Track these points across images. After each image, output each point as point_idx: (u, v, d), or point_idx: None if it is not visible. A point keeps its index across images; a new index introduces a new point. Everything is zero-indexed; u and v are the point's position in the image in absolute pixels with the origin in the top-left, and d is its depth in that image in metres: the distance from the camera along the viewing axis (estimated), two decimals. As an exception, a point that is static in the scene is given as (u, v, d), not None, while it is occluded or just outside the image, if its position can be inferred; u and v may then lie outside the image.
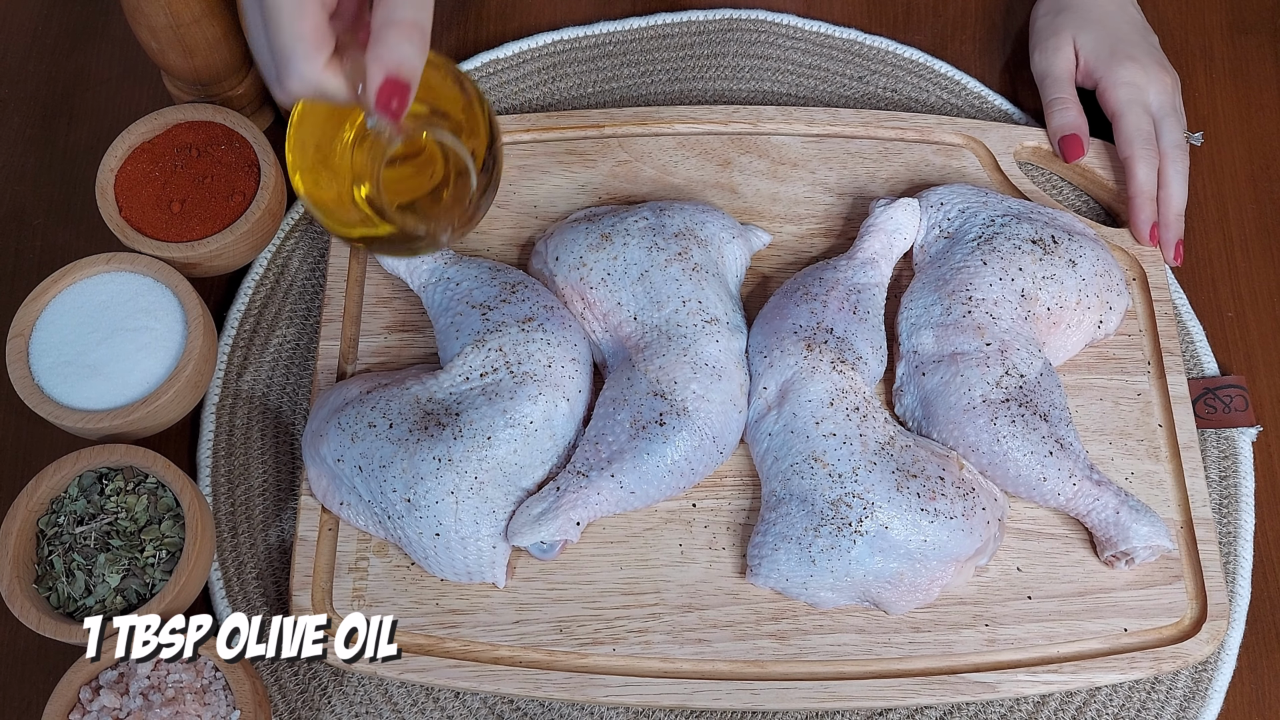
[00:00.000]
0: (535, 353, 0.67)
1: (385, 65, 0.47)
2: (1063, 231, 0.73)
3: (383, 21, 0.47)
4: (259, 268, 0.78)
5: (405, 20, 0.47)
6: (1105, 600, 0.67)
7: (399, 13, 0.47)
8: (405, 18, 0.47)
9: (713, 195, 0.78)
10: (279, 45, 0.47)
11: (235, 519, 0.71)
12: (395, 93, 0.47)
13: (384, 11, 0.48)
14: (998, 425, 0.66)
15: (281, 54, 0.47)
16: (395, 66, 0.47)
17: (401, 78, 0.47)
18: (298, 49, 0.46)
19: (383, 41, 0.47)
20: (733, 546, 0.68)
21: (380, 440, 0.65)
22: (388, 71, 0.47)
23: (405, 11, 0.47)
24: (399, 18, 0.47)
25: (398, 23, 0.47)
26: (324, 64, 0.47)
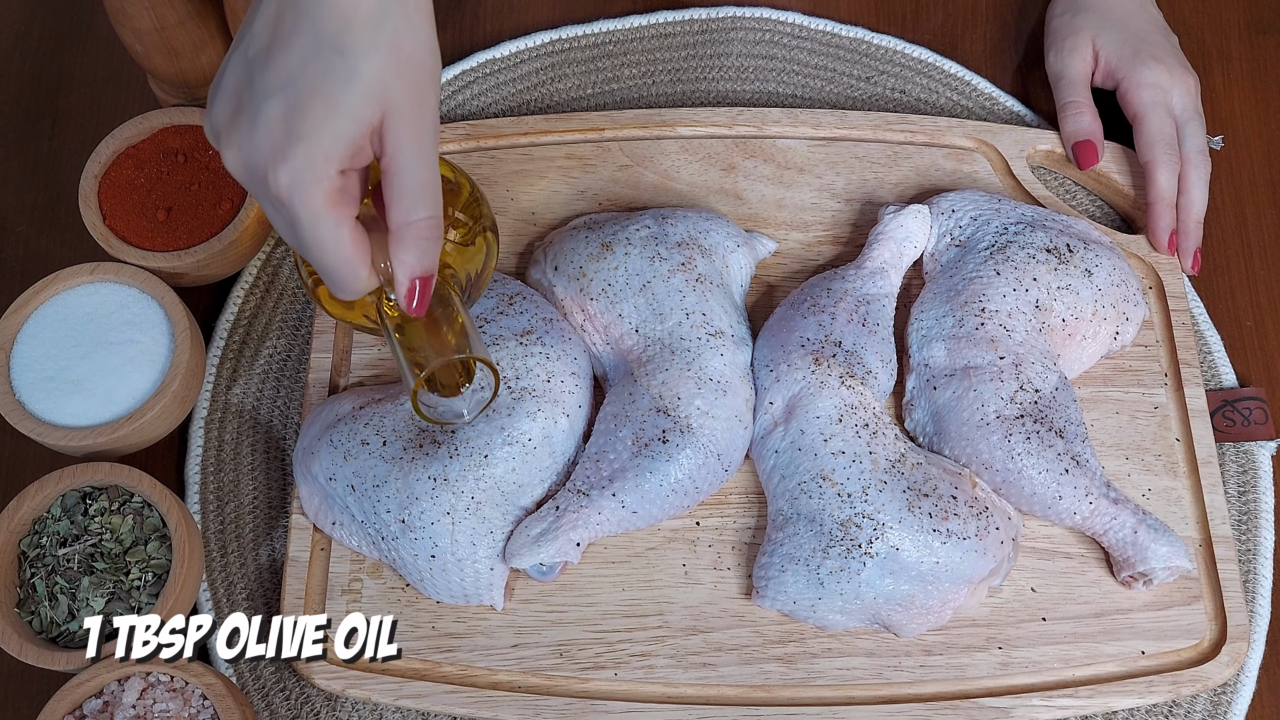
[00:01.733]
0: (534, 367, 0.65)
1: (409, 270, 0.51)
2: (1078, 240, 0.71)
3: (400, 223, 0.50)
4: (248, 276, 0.75)
5: (421, 220, 0.50)
6: (1122, 622, 0.65)
7: (415, 212, 0.49)
8: (419, 216, 0.50)
9: (716, 201, 0.76)
10: (324, 266, 0.50)
11: (225, 538, 0.69)
12: (421, 291, 0.52)
13: (400, 213, 0.49)
14: (1012, 442, 0.64)
15: (329, 273, 0.50)
16: (419, 270, 0.51)
17: (423, 278, 0.51)
18: (344, 271, 0.50)
19: (403, 245, 0.50)
20: (738, 567, 0.66)
21: (374, 459, 0.63)
22: (411, 275, 0.51)
23: (419, 211, 0.50)
24: (415, 218, 0.50)
25: (415, 224, 0.50)
26: (369, 273, 0.51)
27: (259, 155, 0.47)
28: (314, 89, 0.46)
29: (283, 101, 0.46)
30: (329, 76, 0.46)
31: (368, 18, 0.47)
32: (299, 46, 0.46)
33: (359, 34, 0.46)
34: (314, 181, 0.47)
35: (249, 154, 0.47)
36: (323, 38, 0.46)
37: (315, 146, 0.46)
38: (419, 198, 0.49)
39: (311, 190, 0.47)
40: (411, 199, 0.49)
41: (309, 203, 0.47)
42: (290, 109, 0.46)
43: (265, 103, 0.47)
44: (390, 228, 0.50)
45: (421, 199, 0.49)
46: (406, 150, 0.48)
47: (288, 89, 0.46)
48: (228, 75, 0.48)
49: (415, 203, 0.49)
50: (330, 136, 0.46)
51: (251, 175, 0.48)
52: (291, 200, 0.47)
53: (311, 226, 0.48)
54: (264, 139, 0.47)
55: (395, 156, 0.49)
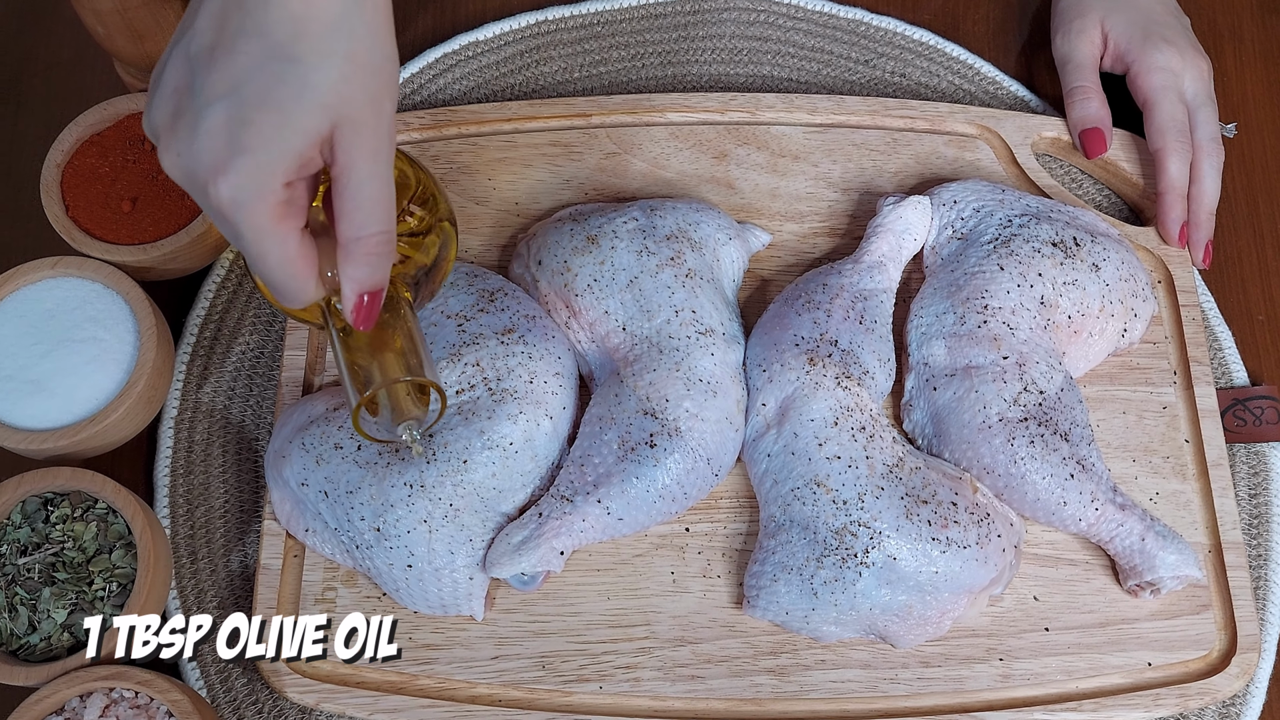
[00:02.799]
0: (515, 368, 0.62)
1: (357, 286, 0.49)
2: (1085, 233, 0.68)
3: (350, 238, 0.47)
4: (220, 270, 0.72)
5: (371, 236, 0.47)
6: (1128, 632, 0.63)
7: (365, 228, 0.47)
8: (369, 232, 0.47)
9: (708, 191, 0.73)
10: (268, 279, 0.48)
11: (195, 542, 0.66)
12: (369, 306, 0.50)
13: (349, 228, 0.47)
14: (1015, 446, 0.61)
15: (274, 286, 0.48)
16: (367, 286, 0.49)
17: (372, 293, 0.49)
18: (290, 285, 0.48)
19: (352, 260, 0.48)
20: (728, 575, 0.63)
21: (347, 463, 0.60)
22: (359, 291, 0.49)
23: (370, 226, 0.47)
24: (365, 234, 0.47)
25: (364, 240, 0.47)
26: (316, 285, 0.48)
27: (199, 165, 0.44)
28: (261, 98, 0.43)
29: (226, 109, 0.43)
30: (278, 85, 0.43)
31: (323, 23, 0.44)
32: (245, 50, 0.43)
33: (313, 40, 0.44)
34: (257, 197, 0.44)
35: (189, 162, 0.44)
36: (272, 43, 0.43)
37: (260, 160, 0.43)
38: (371, 213, 0.47)
39: (255, 205, 0.44)
40: (364, 214, 0.47)
41: (252, 218, 0.44)
42: (234, 118, 0.43)
43: (208, 109, 0.43)
44: (339, 241, 0.47)
45: (373, 214, 0.47)
46: (359, 164, 0.46)
47: (232, 96, 0.43)
48: (168, 72, 0.45)
49: (367, 218, 0.47)
50: (277, 150, 0.44)
51: (191, 183, 0.45)
52: (233, 215, 0.44)
53: (255, 241, 0.45)
54: (205, 148, 0.44)
55: (347, 170, 0.46)
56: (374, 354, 0.53)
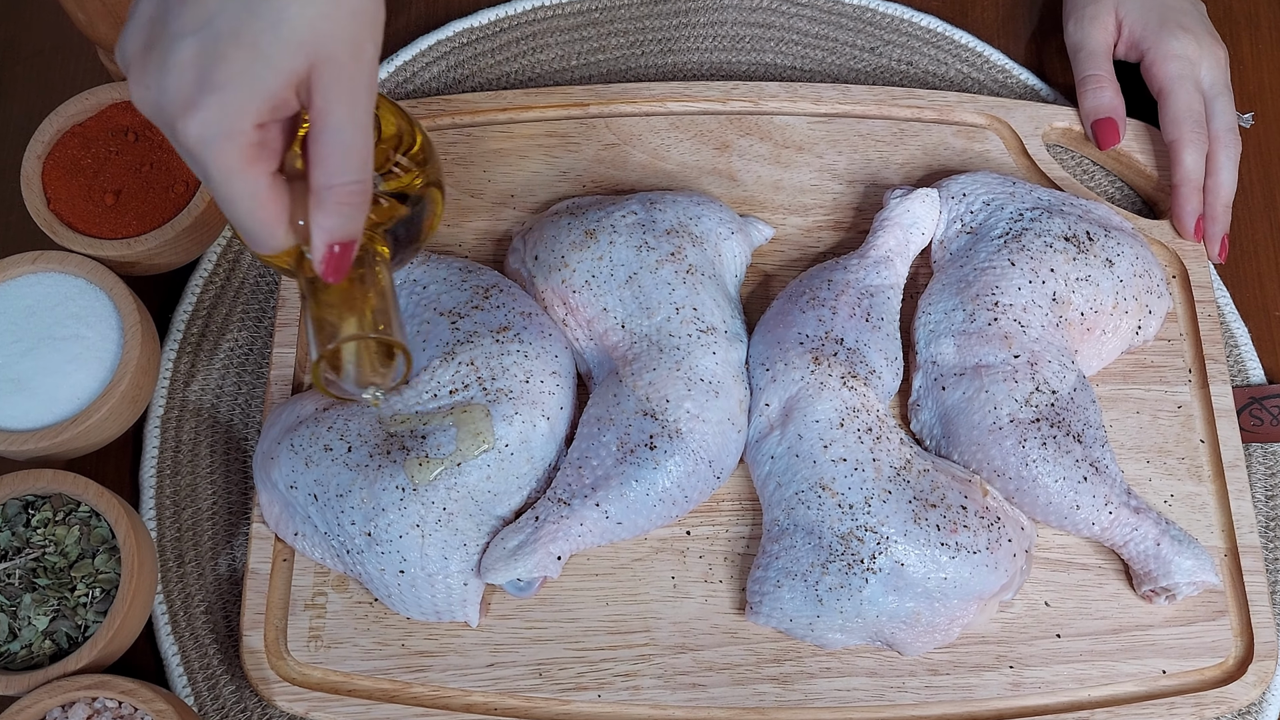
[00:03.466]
0: (511, 367, 0.60)
1: (327, 235, 0.47)
2: (1098, 226, 0.66)
3: (323, 185, 0.46)
4: (207, 264, 0.70)
5: (344, 184, 0.46)
6: (1142, 638, 0.61)
7: (339, 176, 0.45)
8: (343, 180, 0.45)
9: (709, 183, 0.71)
10: (236, 222, 0.46)
11: (182, 546, 0.64)
12: (338, 258, 0.48)
13: (323, 175, 0.45)
14: (1027, 448, 0.59)
15: (242, 230, 0.47)
16: (338, 236, 0.47)
17: (342, 244, 0.47)
18: (258, 231, 0.46)
19: (323, 209, 0.46)
20: (730, 580, 0.62)
21: (337, 466, 0.58)
22: (329, 241, 0.47)
23: (344, 175, 0.45)
24: (338, 181, 0.45)
25: (337, 189, 0.46)
26: (285, 232, 0.47)
27: (168, 100, 0.42)
28: (234, 33, 0.42)
29: (197, 44, 0.42)
30: (253, 20, 0.42)
31: None
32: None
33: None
34: (226, 136, 0.43)
35: (158, 96, 0.43)
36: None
37: (230, 99, 0.42)
38: (345, 161, 0.45)
39: (223, 145, 0.43)
40: (337, 162, 0.45)
41: (219, 159, 0.43)
42: (205, 53, 0.42)
43: (179, 42, 0.42)
44: (311, 188, 0.46)
45: (348, 162, 0.45)
46: (335, 108, 0.44)
47: (204, 30, 0.42)
48: (142, 2, 0.44)
49: (341, 166, 0.45)
50: (247, 90, 0.42)
51: (159, 118, 0.43)
52: (201, 154, 0.43)
53: (223, 184, 0.44)
54: (174, 83, 0.42)
55: (323, 114, 0.44)
56: (343, 309, 0.51)
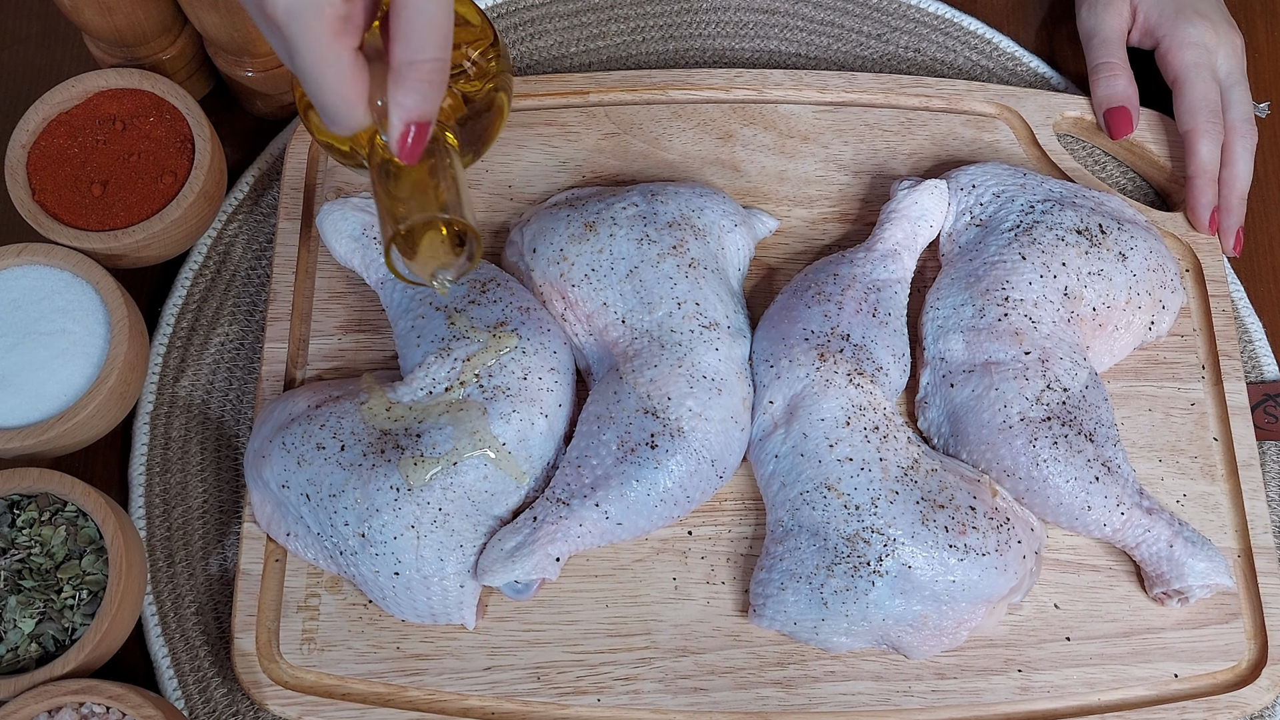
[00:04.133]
0: (508, 363, 0.58)
1: (406, 114, 0.47)
2: (1111, 219, 0.64)
3: (404, 62, 0.46)
4: (197, 256, 0.69)
5: (425, 61, 0.46)
6: (1153, 642, 0.60)
7: (420, 52, 0.45)
8: (424, 57, 0.45)
9: (712, 173, 0.69)
10: (318, 99, 0.46)
11: (172, 545, 0.63)
12: (415, 138, 0.48)
13: (404, 50, 0.45)
14: (1037, 448, 0.58)
15: (323, 108, 0.47)
16: (415, 115, 0.47)
17: (419, 124, 0.47)
18: (339, 107, 0.46)
19: (403, 86, 0.46)
20: (733, 581, 0.60)
21: (330, 465, 0.57)
22: (407, 119, 0.47)
23: (425, 51, 0.45)
24: (420, 58, 0.45)
25: (418, 65, 0.46)
26: (365, 110, 0.47)
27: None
28: None
29: None
30: None
31: None
32: None
33: None
34: (314, 8, 0.43)
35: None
36: None
37: None
38: (426, 37, 0.45)
39: (311, 20, 0.43)
40: (419, 37, 0.45)
41: (307, 33, 0.43)
42: None
43: None
44: (391, 65, 0.46)
45: (429, 38, 0.45)
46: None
47: None
48: None
49: (422, 42, 0.45)
50: None
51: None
52: (289, 27, 0.43)
53: (309, 57, 0.44)
54: None
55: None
56: (414, 193, 0.51)
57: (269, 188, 0.70)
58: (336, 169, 0.68)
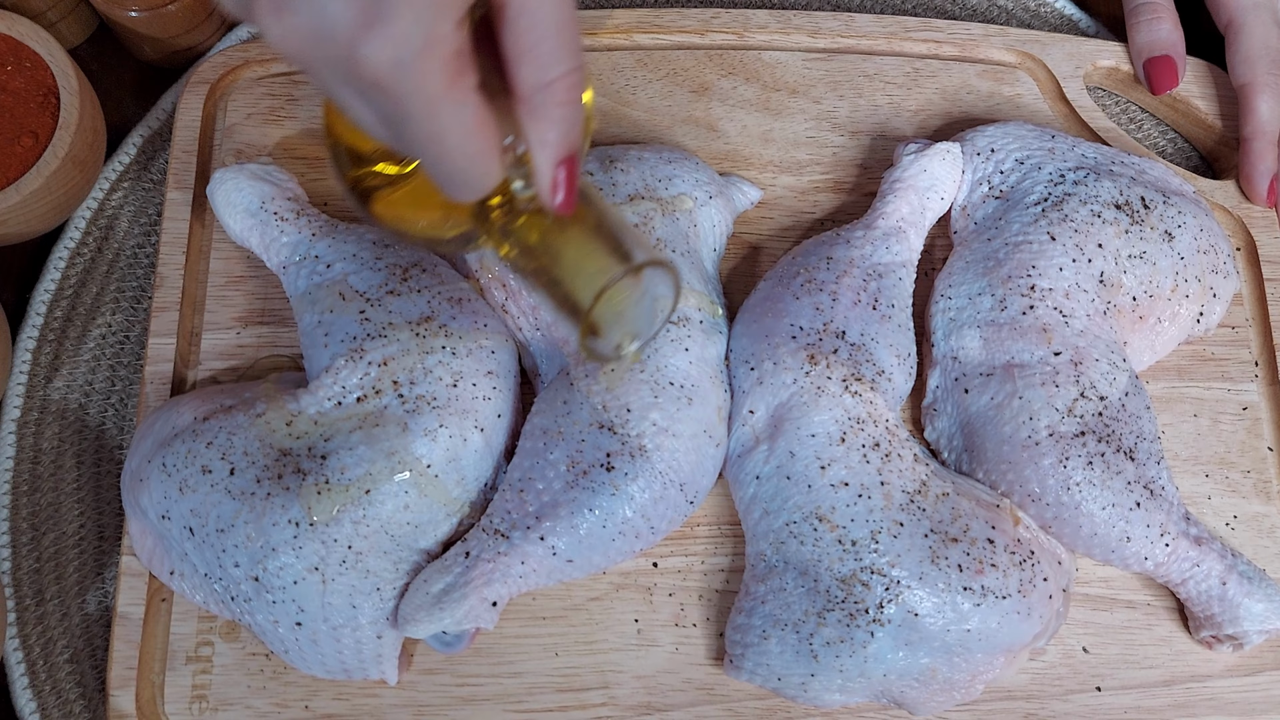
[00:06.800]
0: (434, 368, 0.48)
1: (554, 151, 0.37)
2: (1155, 191, 0.54)
3: (536, 86, 0.35)
4: (74, 233, 0.58)
5: (561, 78, 0.35)
6: (1198, 692, 0.51)
7: (555, 67, 0.35)
8: (559, 73, 0.35)
9: (683, 135, 0.59)
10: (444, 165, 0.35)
11: (42, 579, 0.53)
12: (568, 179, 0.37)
13: (534, 71, 0.35)
14: (1069, 469, 0.48)
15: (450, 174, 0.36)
16: (565, 150, 0.37)
17: (571, 159, 0.37)
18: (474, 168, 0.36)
19: (544, 116, 0.36)
20: (706, 623, 0.51)
21: (217, 493, 0.47)
22: (557, 158, 0.37)
23: (561, 63, 0.35)
24: (553, 75, 0.35)
25: (554, 86, 0.35)
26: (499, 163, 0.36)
27: (334, 22, 0.31)
28: None
29: None
30: None
31: None
32: None
33: None
34: (427, 50, 0.32)
35: (316, 22, 0.31)
36: None
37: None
38: (560, 45, 0.35)
39: (425, 64, 0.32)
40: (550, 48, 0.35)
41: (424, 82, 0.33)
42: None
43: None
44: (520, 92, 0.36)
45: (562, 46, 0.35)
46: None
47: None
48: None
49: (554, 52, 0.35)
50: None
51: (324, 51, 0.32)
52: (397, 83, 0.33)
53: (428, 116, 0.34)
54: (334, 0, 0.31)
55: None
56: (581, 251, 0.39)
57: (160, 150, 0.60)
58: (237, 126, 0.57)
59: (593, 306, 0.38)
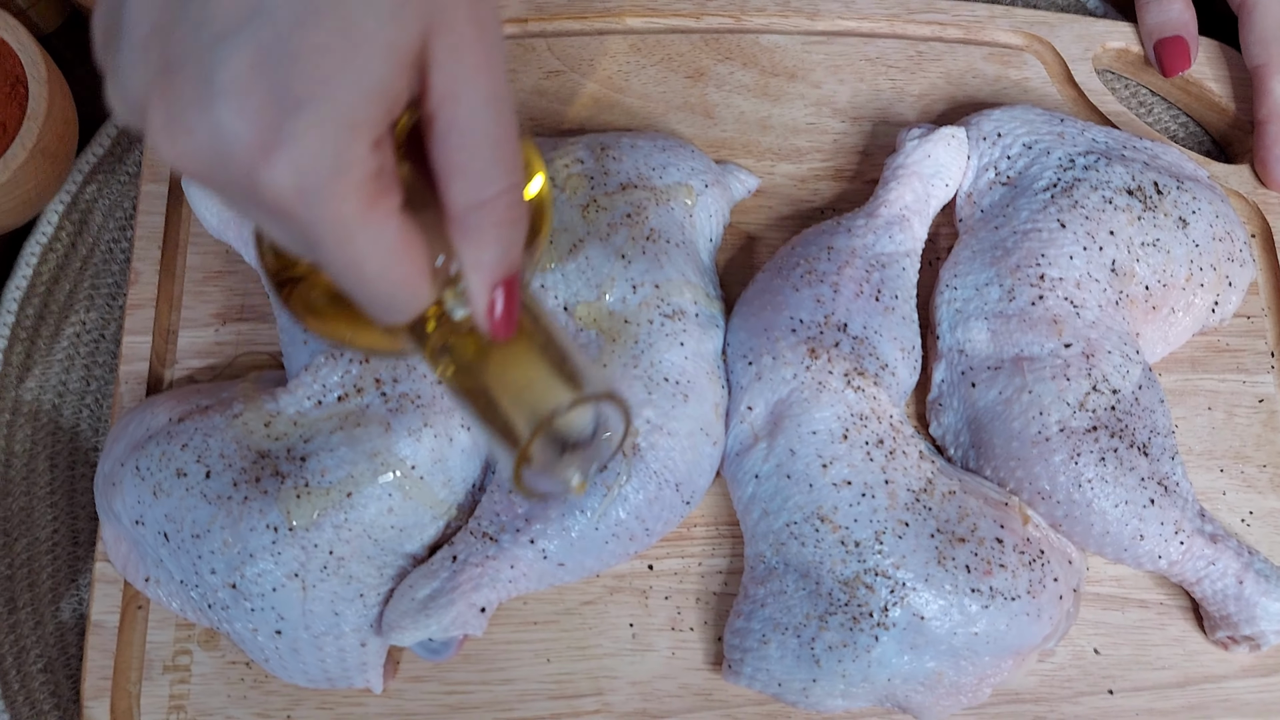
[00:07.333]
0: (418, 364, 0.46)
1: (490, 274, 0.33)
2: (1168, 176, 0.52)
3: (469, 205, 0.32)
4: (46, 227, 0.56)
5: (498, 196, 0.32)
6: (1213, 693, 0.49)
7: (490, 186, 0.32)
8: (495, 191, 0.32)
9: (678, 122, 0.57)
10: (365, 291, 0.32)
11: (14, 586, 0.51)
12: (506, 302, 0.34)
13: (467, 189, 0.32)
14: (1080, 465, 0.47)
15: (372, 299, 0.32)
16: (501, 272, 0.34)
17: (509, 281, 0.34)
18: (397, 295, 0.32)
19: (477, 238, 0.33)
20: (704, 627, 0.49)
21: (193, 497, 0.45)
22: (491, 281, 0.34)
23: (495, 180, 0.32)
24: (489, 194, 0.32)
25: (490, 204, 0.32)
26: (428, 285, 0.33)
27: (231, 144, 0.28)
28: (305, 13, 0.28)
29: (252, 46, 0.28)
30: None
31: None
32: None
33: None
34: (336, 174, 0.29)
35: (212, 142, 0.28)
36: None
37: (329, 115, 0.28)
38: (495, 161, 0.32)
39: (336, 188, 0.29)
40: (484, 164, 0.32)
41: (334, 209, 0.29)
42: (269, 56, 0.28)
43: (218, 50, 0.28)
44: (451, 212, 0.32)
45: (499, 162, 0.32)
46: (469, 88, 0.31)
47: (255, 20, 0.28)
48: (132, 7, 0.29)
49: (489, 169, 0.32)
50: (351, 93, 0.28)
51: (221, 175, 0.29)
52: (304, 210, 0.29)
53: (341, 244, 0.30)
54: (237, 114, 0.28)
55: (451, 99, 0.31)
56: (522, 377, 0.36)
57: (136, 142, 0.58)
58: (215, 117, 0.55)
59: (532, 438, 0.35)
